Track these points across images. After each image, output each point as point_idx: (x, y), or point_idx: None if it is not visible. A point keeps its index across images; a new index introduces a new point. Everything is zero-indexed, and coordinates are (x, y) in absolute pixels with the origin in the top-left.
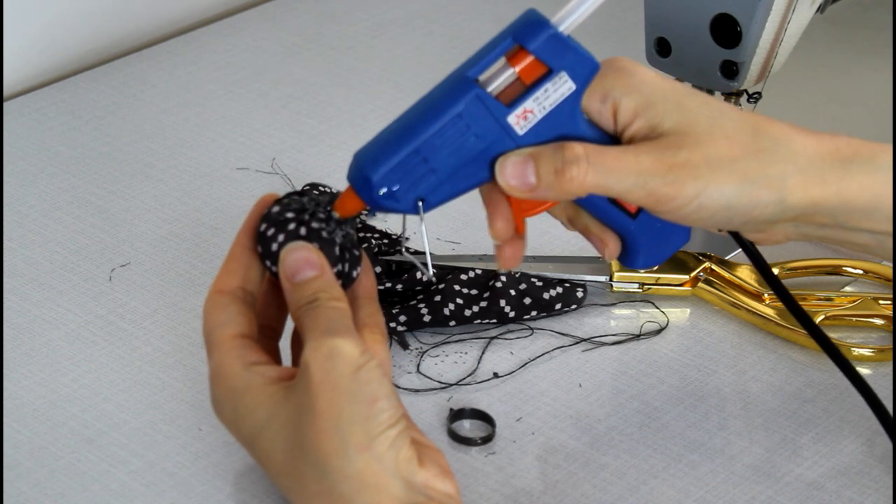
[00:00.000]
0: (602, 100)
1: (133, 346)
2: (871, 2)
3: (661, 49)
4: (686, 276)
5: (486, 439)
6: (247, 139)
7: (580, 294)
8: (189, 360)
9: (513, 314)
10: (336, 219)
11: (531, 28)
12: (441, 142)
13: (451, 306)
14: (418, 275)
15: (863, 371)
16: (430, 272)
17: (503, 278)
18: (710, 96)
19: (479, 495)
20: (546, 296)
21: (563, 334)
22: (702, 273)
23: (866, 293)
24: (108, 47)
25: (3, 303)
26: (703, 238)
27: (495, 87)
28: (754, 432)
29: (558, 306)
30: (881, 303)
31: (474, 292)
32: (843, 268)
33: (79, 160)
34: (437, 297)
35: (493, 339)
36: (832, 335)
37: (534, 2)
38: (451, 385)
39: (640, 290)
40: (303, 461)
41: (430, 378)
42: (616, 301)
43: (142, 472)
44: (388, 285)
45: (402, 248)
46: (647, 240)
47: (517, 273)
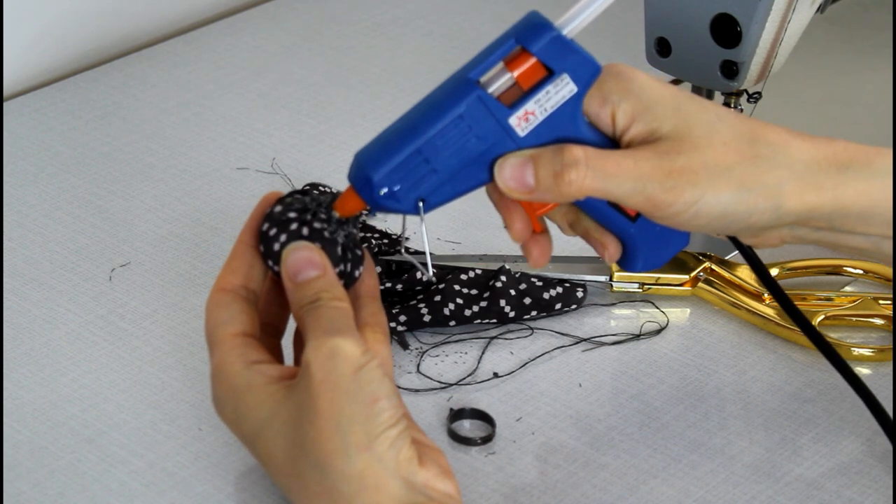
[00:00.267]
0: (601, 104)
1: (133, 346)
2: (871, 2)
3: (661, 49)
4: (686, 276)
5: (486, 439)
6: (247, 139)
7: (580, 294)
8: (189, 360)
9: (513, 314)
10: (338, 219)
11: (534, 30)
12: (442, 142)
13: (451, 306)
14: (418, 275)
15: (863, 371)
16: (430, 272)
17: (503, 278)
18: (707, 101)
19: (479, 495)
20: (546, 296)
21: (563, 334)
22: (702, 273)
23: (866, 293)
24: (108, 47)
25: (3, 303)
26: (703, 238)
27: (497, 89)
28: (754, 432)
29: (558, 306)
30: (881, 303)
31: (474, 292)
32: (844, 268)
33: (79, 160)
34: (437, 297)
35: (493, 339)
36: (832, 335)
37: (534, 2)
38: (451, 385)
39: (640, 290)
40: (303, 461)
41: (430, 378)
42: (616, 301)
43: (142, 472)
44: (388, 285)
45: (402, 248)
46: (647, 243)
47: (517, 273)
